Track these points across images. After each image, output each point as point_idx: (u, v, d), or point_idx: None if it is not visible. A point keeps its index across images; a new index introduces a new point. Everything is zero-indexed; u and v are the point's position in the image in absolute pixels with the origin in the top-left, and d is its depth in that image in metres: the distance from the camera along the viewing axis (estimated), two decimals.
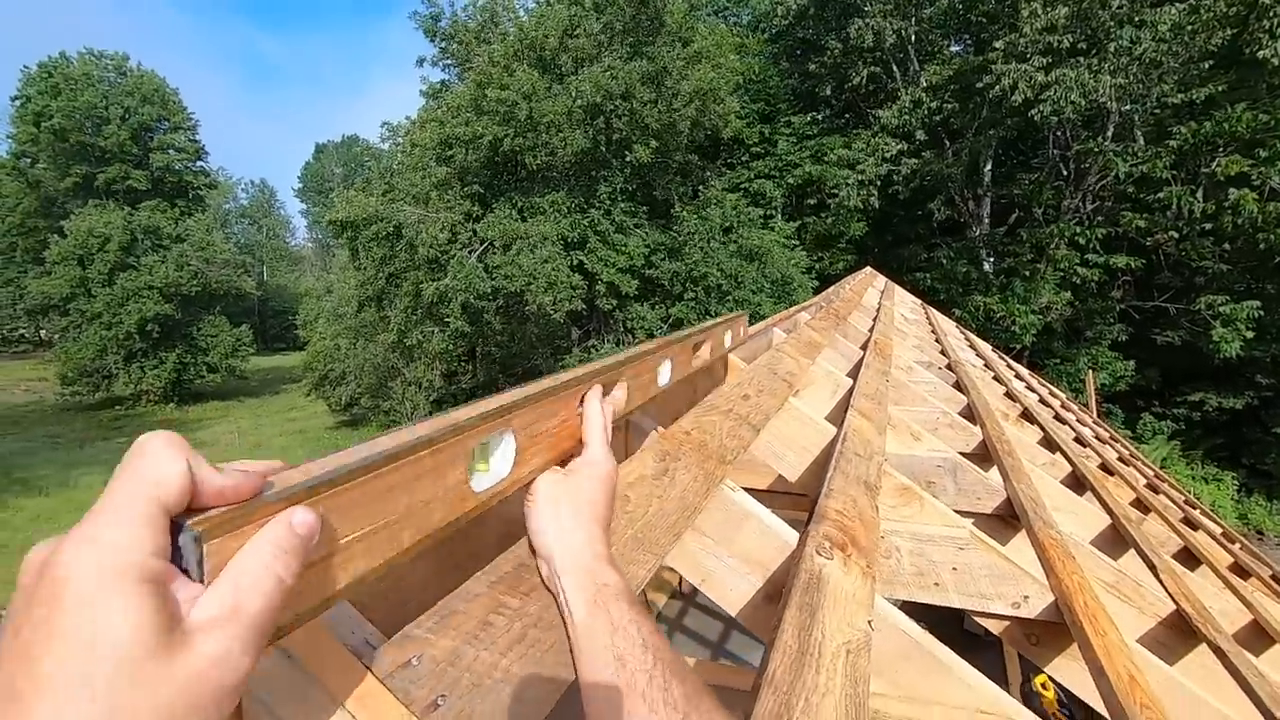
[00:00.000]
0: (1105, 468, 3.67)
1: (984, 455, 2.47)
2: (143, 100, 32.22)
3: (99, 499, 0.34)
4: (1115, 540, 2.19)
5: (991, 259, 18.21)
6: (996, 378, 5.03)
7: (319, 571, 0.41)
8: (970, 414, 2.96)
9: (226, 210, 58.30)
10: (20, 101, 30.59)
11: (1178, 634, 1.63)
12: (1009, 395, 4.37)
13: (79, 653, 0.29)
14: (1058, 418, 4.79)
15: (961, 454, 2.21)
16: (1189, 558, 2.64)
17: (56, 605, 0.30)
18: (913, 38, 18.46)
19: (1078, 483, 2.69)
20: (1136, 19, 13.76)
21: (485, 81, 15.33)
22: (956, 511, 1.59)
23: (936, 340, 5.57)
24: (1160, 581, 1.74)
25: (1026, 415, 3.79)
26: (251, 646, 0.35)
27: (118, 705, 0.29)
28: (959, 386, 3.52)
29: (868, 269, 9.39)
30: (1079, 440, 4.21)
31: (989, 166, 18.05)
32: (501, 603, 0.59)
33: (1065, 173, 16.98)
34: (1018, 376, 6.58)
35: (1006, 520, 1.96)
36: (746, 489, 1.08)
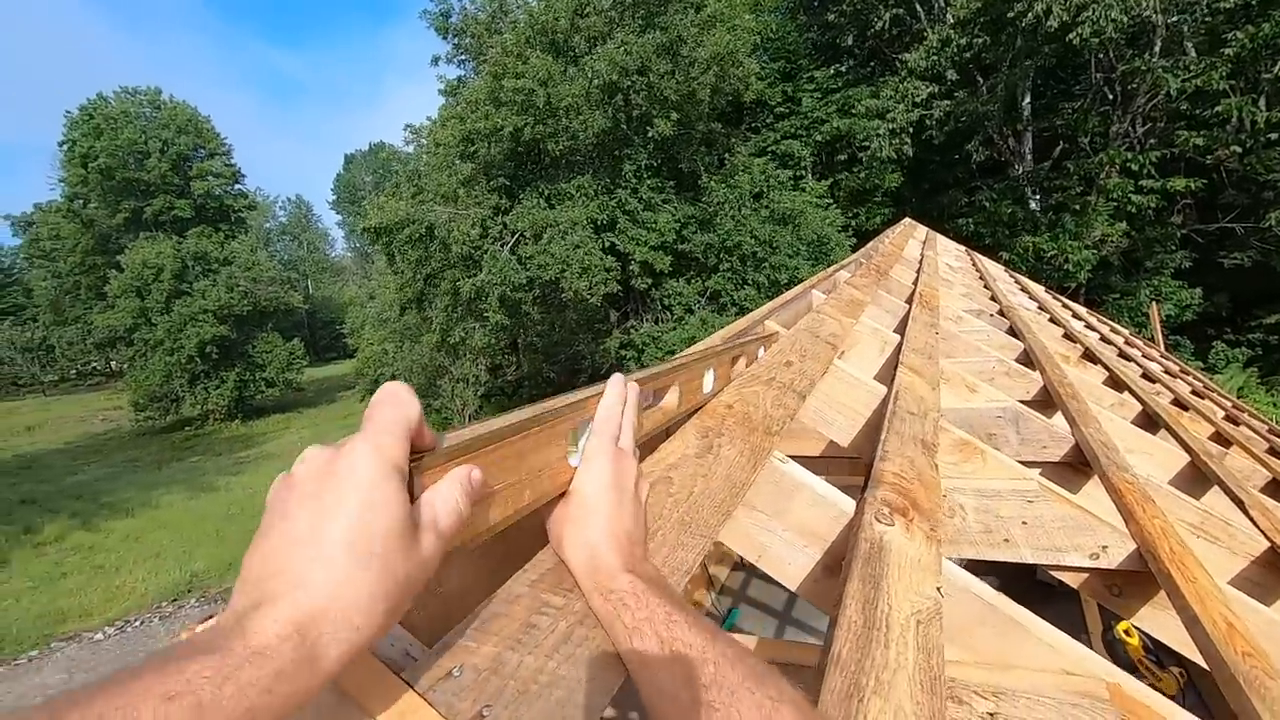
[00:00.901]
0: (1178, 403, 3.49)
1: (1046, 401, 2.37)
2: (178, 131, 33.23)
3: (369, 421, 0.46)
4: (1196, 478, 2.07)
5: (1038, 196, 17.41)
6: (1053, 319, 4.82)
7: (475, 512, 0.52)
8: (1028, 360, 2.84)
9: (268, 229, 59.98)
10: (67, 146, 31.90)
11: (1274, 573, 1.53)
12: (1068, 336, 4.19)
13: (367, 519, 0.40)
14: (1122, 355, 4.58)
15: (1022, 402, 2.12)
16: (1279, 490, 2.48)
17: (349, 483, 0.41)
18: None
19: (1150, 421, 2.56)
20: None
21: (500, 72, 15.28)
22: (1021, 462, 1.52)
23: (985, 286, 5.37)
24: (1250, 518, 1.64)
25: (1088, 355, 3.62)
26: (440, 551, 0.46)
27: (382, 561, 0.40)
28: (1013, 332, 3.38)
29: (906, 220, 9.08)
30: (1147, 377, 4.01)
31: (1027, 99, 17.18)
32: (544, 602, 0.57)
33: (1111, 97, 16.05)
34: (1075, 316, 6.31)
35: (1076, 467, 1.87)
36: (798, 457, 1.04)
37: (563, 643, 0.54)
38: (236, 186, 36.38)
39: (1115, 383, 3.07)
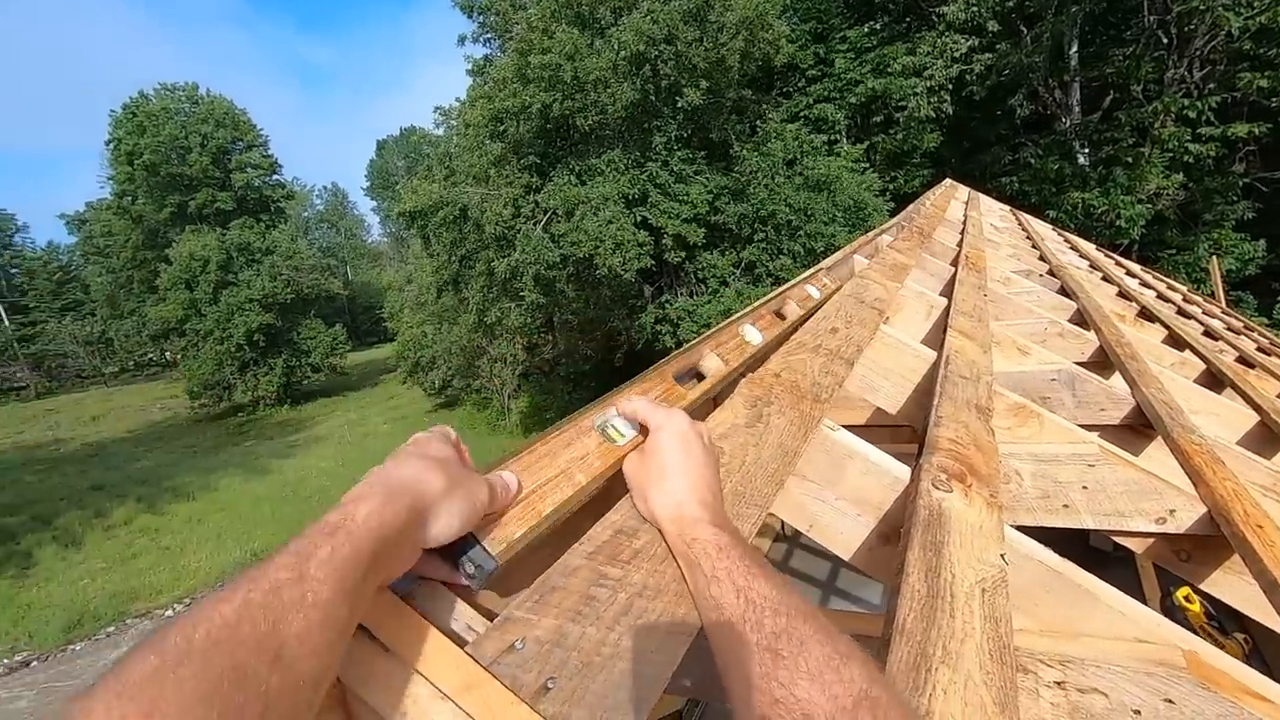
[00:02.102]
0: (1243, 360, 3.33)
1: (1103, 362, 2.28)
2: (217, 125, 33.90)
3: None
4: (1266, 438, 1.97)
5: (1086, 150, 16.65)
6: (1106, 278, 4.64)
7: (526, 505, 0.61)
8: (1081, 320, 2.73)
9: (306, 218, 61.13)
10: (113, 144, 32.86)
11: None
12: (1122, 295, 4.02)
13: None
14: (1181, 313, 4.39)
15: (1077, 364, 2.04)
16: None
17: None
18: None
19: (1214, 380, 2.45)
20: None
21: (526, 49, 15.15)
22: (1079, 426, 1.47)
23: (1033, 246, 5.18)
24: None
25: (1145, 314, 3.48)
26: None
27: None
28: (1064, 292, 3.26)
29: (947, 181, 8.79)
30: (1209, 334, 3.83)
31: (1075, 48, 16.35)
32: (602, 574, 0.57)
33: (1166, 40, 15.16)
34: (1129, 274, 6.05)
35: (1137, 430, 1.80)
36: (844, 426, 1.02)
37: (623, 614, 0.53)
38: (274, 177, 37.04)
39: (1175, 341, 2.95)
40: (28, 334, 44.48)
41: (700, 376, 0.98)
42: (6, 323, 44.49)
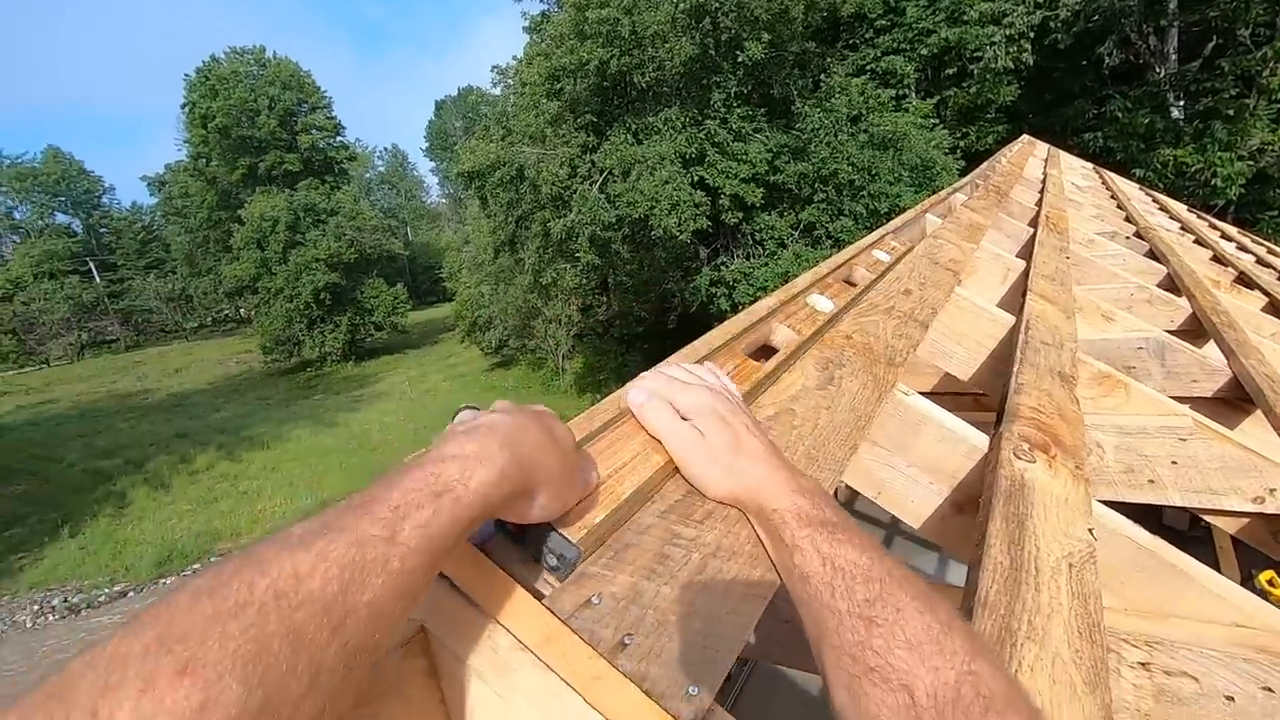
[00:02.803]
0: None
1: (1195, 330, 2.14)
2: (283, 88, 34.71)
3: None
4: None
5: (1182, 102, 15.37)
6: (1199, 241, 4.33)
7: (604, 489, 0.59)
8: (1172, 285, 2.56)
9: (368, 179, 62.44)
10: (188, 107, 34.10)
11: None
12: (1217, 259, 3.75)
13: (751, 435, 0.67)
14: None
15: (1167, 332, 1.92)
16: None
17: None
18: None
19: None
20: None
21: (584, 3, 14.84)
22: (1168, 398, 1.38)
23: (1119, 206, 4.86)
24: None
25: (1243, 280, 3.23)
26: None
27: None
28: (1153, 256, 3.05)
29: (1024, 137, 8.28)
30: None
31: None
32: (675, 533, 0.57)
33: None
34: (1224, 237, 5.63)
35: (1233, 403, 1.69)
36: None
37: (697, 574, 0.53)
38: (338, 139, 37.84)
39: (1277, 309, 2.73)
40: (116, 290, 47.37)
41: (772, 350, 0.96)
42: (98, 279, 47.36)
